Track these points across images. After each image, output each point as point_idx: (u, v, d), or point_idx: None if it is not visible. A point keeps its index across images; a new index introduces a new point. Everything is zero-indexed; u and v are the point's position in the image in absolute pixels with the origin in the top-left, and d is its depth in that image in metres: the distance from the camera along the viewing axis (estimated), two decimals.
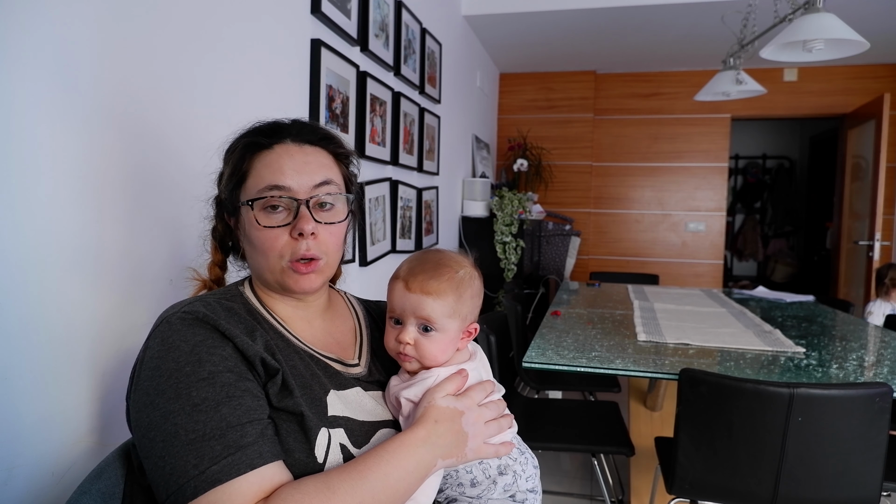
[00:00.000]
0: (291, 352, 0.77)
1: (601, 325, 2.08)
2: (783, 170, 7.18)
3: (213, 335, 0.70)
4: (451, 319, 0.80)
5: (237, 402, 0.66)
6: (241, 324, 0.74)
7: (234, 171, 0.80)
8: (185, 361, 0.67)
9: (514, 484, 0.83)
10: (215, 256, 0.87)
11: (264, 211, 0.77)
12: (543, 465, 2.58)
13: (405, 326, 0.80)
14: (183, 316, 0.71)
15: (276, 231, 0.77)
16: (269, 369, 0.71)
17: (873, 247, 3.95)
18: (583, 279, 4.45)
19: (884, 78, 4.48)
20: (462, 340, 0.84)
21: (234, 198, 0.80)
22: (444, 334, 0.80)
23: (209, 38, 1.32)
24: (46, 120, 0.91)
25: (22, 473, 0.88)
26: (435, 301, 0.79)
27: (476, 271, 0.86)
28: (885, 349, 1.85)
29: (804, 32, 1.98)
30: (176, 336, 0.69)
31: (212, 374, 0.67)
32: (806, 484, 1.32)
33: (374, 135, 2.25)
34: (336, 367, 0.81)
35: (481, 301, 0.86)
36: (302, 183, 0.78)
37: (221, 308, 0.74)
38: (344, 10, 1.96)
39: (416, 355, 0.80)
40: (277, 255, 0.77)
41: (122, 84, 1.06)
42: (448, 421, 0.75)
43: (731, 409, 1.33)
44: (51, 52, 0.91)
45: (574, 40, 4.00)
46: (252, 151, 0.80)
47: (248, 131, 0.83)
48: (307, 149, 0.81)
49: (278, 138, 0.80)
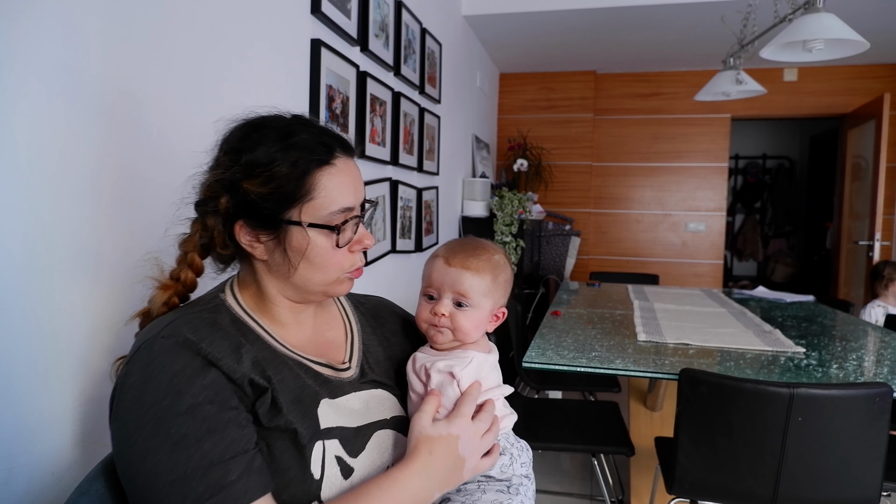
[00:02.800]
0: (280, 363, 0.74)
1: (601, 325, 2.08)
2: (783, 170, 7.18)
3: (195, 362, 0.66)
4: (485, 298, 0.84)
5: (220, 436, 0.64)
6: (226, 340, 0.70)
7: (291, 188, 0.73)
8: (164, 394, 0.64)
9: (511, 467, 0.83)
10: (196, 262, 0.80)
11: (344, 234, 0.76)
12: (543, 465, 2.57)
13: (441, 300, 0.83)
14: (164, 341, 0.67)
15: (344, 249, 0.77)
16: (258, 389, 0.69)
17: (873, 247, 3.95)
18: (583, 279, 4.45)
19: (884, 78, 4.48)
20: (491, 323, 0.87)
21: (281, 214, 0.74)
22: (477, 311, 0.83)
23: (209, 38, 1.32)
24: (46, 120, 0.91)
25: (22, 473, 0.88)
26: (474, 276, 0.83)
27: (508, 263, 0.90)
28: (885, 349, 1.84)
29: (804, 32, 1.98)
30: (155, 364, 0.66)
31: (192, 408, 0.64)
32: (806, 484, 1.32)
33: (374, 135, 2.25)
34: (327, 373, 0.79)
35: (510, 289, 0.89)
36: (359, 199, 0.79)
37: (205, 324, 0.70)
38: (344, 10, 1.96)
39: (451, 326, 0.82)
40: (339, 269, 0.77)
41: (123, 84, 1.06)
42: (443, 450, 0.73)
43: (731, 409, 1.33)
44: (52, 54, 0.91)
45: (574, 40, 4.00)
46: (315, 167, 0.75)
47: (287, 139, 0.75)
48: (352, 162, 0.81)
49: (331, 150, 0.77)
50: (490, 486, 0.81)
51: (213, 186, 0.76)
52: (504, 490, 0.81)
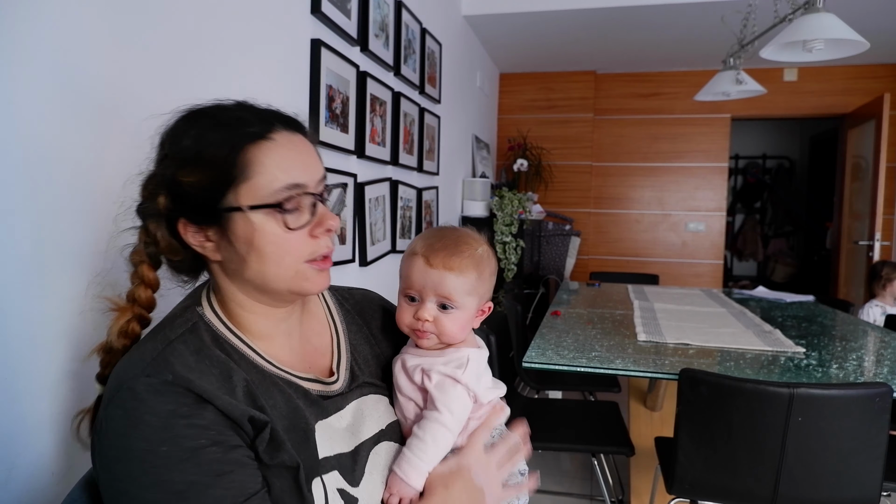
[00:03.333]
0: (270, 385, 0.68)
1: (601, 325, 2.08)
2: (783, 170, 7.18)
3: (187, 400, 0.59)
4: (470, 297, 0.79)
5: (228, 480, 0.58)
6: (216, 368, 0.63)
7: (224, 170, 0.65)
8: (159, 440, 0.57)
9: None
10: (149, 275, 0.71)
11: (295, 213, 0.67)
12: (543, 465, 2.57)
13: (424, 303, 0.78)
14: (149, 380, 0.59)
15: (299, 233, 0.68)
16: (257, 424, 0.63)
17: (873, 247, 3.95)
18: (583, 279, 4.45)
19: (884, 78, 4.48)
20: (476, 318, 0.83)
21: (219, 203, 0.66)
22: (463, 312, 0.79)
23: (209, 38, 1.32)
24: (47, 120, 0.91)
25: (22, 473, 0.88)
26: (457, 278, 0.77)
27: (492, 250, 0.85)
28: (885, 349, 1.85)
29: (804, 32, 1.98)
30: (142, 408, 0.58)
31: (194, 452, 0.57)
32: (806, 484, 1.32)
33: (374, 135, 2.25)
34: (316, 390, 0.73)
35: (496, 281, 0.85)
36: (313, 177, 0.70)
37: (190, 352, 0.62)
38: (344, 10, 1.96)
39: (436, 331, 0.78)
40: (296, 258, 0.68)
41: (123, 84, 1.06)
42: (459, 482, 0.71)
43: (731, 409, 1.33)
44: (52, 54, 0.91)
45: (574, 40, 4.00)
46: (245, 143, 0.66)
47: (214, 119, 0.68)
48: (300, 137, 0.71)
49: (268, 125, 0.68)
50: None
51: (148, 186, 0.69)
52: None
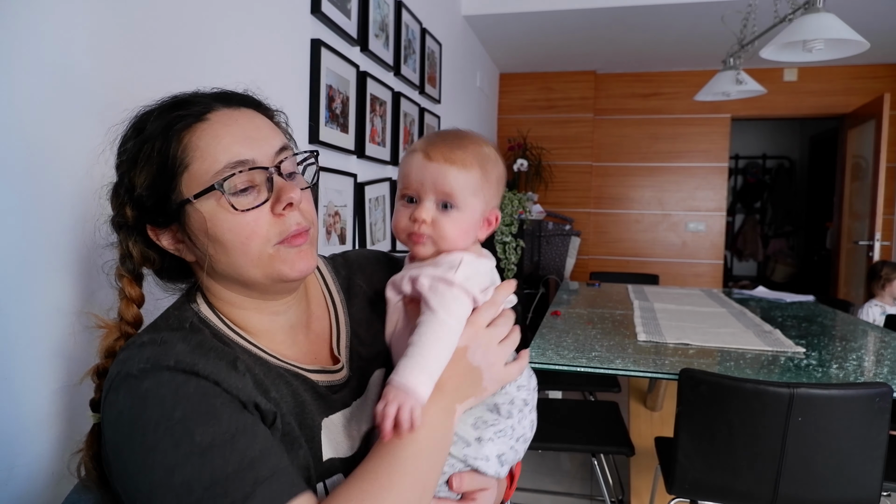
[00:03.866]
0: (276, 378, 0.65)
1: (601, 325, 2.08)
2: (783, 170, 7.18)
3: (195, 378, 0.57)
4: (474, 197, 0.70)
5: (251, 434, 0.55)
6: (222, 359, 0.60)
7: (164, 163, 0.62)
8: (173, 405, 0.54)
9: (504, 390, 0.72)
10: (132, 291, 0.68)
11: (243, 195, 0.62)
12: (543, 465, 2.58)
13: (422, 203, 0.70)
14: (145, 367, 0.56)
15: (255, 213, 0.62)
16: (266, 415, 0.60)
17: (873, 247, 3.95)
18: (583, 279, 4.45)
19: (884, 78, 4.48)
20: (482, 230, 0.74)
21: (171, 199, 0.63)
22: (465, 214, 0.70)
23: (209, 38, 1.32)
24: (45, 120, 0.91)
25: (22, 473, 0.88)
26: (460, 172, 0.69)
27: (501, 157, 0.76)
28: (885, 349, 1.85)
29: (804, 32, 1.98)
30: (146, 383, 0.56)
31: (210, 412, 0.55)
32: (806, 484, 1.32)
33: (374, 135, 2.25)
34: (324, 382, 0.70)
35: (503, 188, 0.77)
36: (263, 151, 0.64)
37: (190, 347, 0.59)
38: (344, 10, 1.96)
39: (433, 235, 0.70)
40: (262, 241, 0.63)
41: (123, 85, 1.06)
42: (453, 363, 0.65)
43: (731, 409, 1.33)
44: (51, 53, 0.91)
45: (574, 40, 4.00)
46: (178, 131, 0.62)
47: (153, 112, 0.65)
48: (246, 112, 0.66)
49: (206, 106, 0.64)
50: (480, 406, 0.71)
51: (114, 197, 0.67)
52: (492, 409, 0.71)
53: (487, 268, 0.73)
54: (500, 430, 0.70)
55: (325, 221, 1.89)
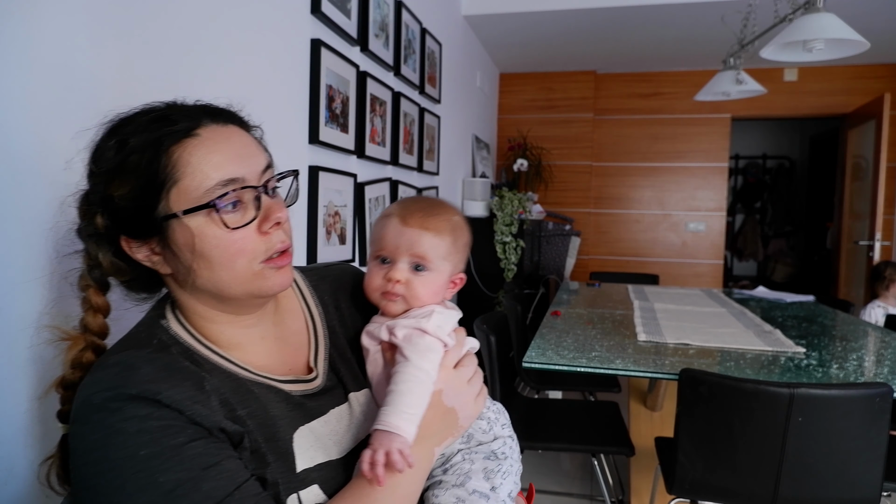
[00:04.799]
0: (246, 393, 0.65)
1: (601, 325, 2.08)
2: (783, 170, 7.19)
3: (157, 408, 0.56)
4: (445, 261, 0.77)
5: (217, 471, 0.56)
6: (188, 380, 0.59)
7: (151, 177, 0.62)
8: (137, 444, 0.54)
9: (491, 430, 0.79)
10: (97, 301, 0.68)
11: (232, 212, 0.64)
12: (543, 465, 2.58)
13: (396, 264, 0.75)
14: (109, 396, 0.56)
15: (243, 231, 0.64)
16: (233, 437, 0.60)
17: (873, 247, 3.95)
18: (583, 279, 4.45)
19: (884, 78, 4.48)
20: (449, 290, 0.80)
21: (155, 213, 0.62)
22: (436, 276, 0.76)
23: (209, 38, 1.32)
24: (45, 120, 0.91)
25: (22, 474, 0.88)
26: (433, 238, 0.75)
27: (467, 225, 0.83)
28: (885, 349, 1.85)
29: (804, 32, 1.98)
30: (112, 418, 0.55)
31: (176, 449, 0.55)
32: (806, 484, 1.32)
33: (374, 135, 2.25)
34: (298, 391, 0.70)
35: (468, 255, 0.83)
36: (252, 169, 0.65)
37: (156, 368, 0.59)
38: (344, 10, 1.96)
39: (406, 294, 0.75)
40: (249, 258, 0.64)
41: (122, 85, 1.06)
42: (430, 408, 0.68)
43: (731, 409, 1.33)
44: (52, 54, 0.91)
45: (574, 40, 4.00)
46: (167, 146, 0.62)
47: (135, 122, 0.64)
48: (233, 129, 0.67)
49: (194, 121, 0.64)
50: (476, 455, 0.77)
51: (82, 206, 0.66)
52: (491, 457, 0.77)
53: (455, 317, 0.78)
54: (504, 472, 0.76)
55: (325, 221, 1.89)
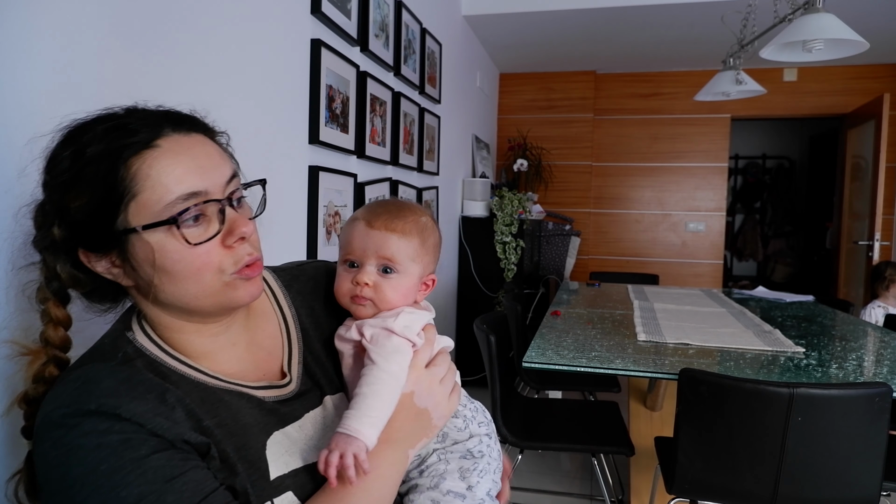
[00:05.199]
0: (215, 402, 0.63)
1: (601, 325, 2.08)
2: (783, 170, 7.19)
3: (116, 422, 0.55)
4: (413, 263, 0.76)
5: (181, 483, 0.55)
6: (150, 392, 0.58)
7: (109, 190, 0.59)
8: (96, 459, 0.53)
9: (467, 429, 0.78)
10: (57, 313, 0.65)
11: (194, 226, 0.61)
12: (543, 465, 2.58)
13: (363, 267, 0.75)
14: (67, 412, 0.55)
15: (207, 246, 0.61)
16: (199, 448, 0.59)
17: (873, 247, 3.95)
18: (583, 279, 4.45)
19: (884, 78, 4.48)
20: (420, 293, 0.79)
21: (113, 226, 0.60)
22: (405, 278, 0.76)
23: (209, 38, 1.32)
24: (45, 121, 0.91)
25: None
26: (400, 239, 0.75)
27: (437, 226, 0.82)
28: (885, 349, 1.85)
29: (804, 32, 1.98)
30: (70, 435, 0.54)
31: (136, 462, 0.54)
32: (806, 484, 1.32)
33: (374, 135, 2.25)
34: (271, 397, 0.69)
35: (439, 254, 0.82)
36: (215, 181, 0.63)
37: (119, 381, 0.57)
38: (344, 10, 1.96)
39: (375, 298, 0.74)
40: (215, 272, 0.63)
41: (123, 85, 1.06)
42: (400, 412, 0.68)
43: (731, 409, 1.33)
44: (52, 54, 0.91)
45: (574, 40, 4.00)
46: (129, 155, 0.59)
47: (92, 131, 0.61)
48: (196, 138, 0.64)
49: (154, 130, 0.61)
50: (452, 454, 0.76)
51: (38, 216, 0.64)
52: (467, 456, 0.76)
53: (425, 317, 0.77)
54: (481, 471, 0.75)
55: (325, 221, 1.89)
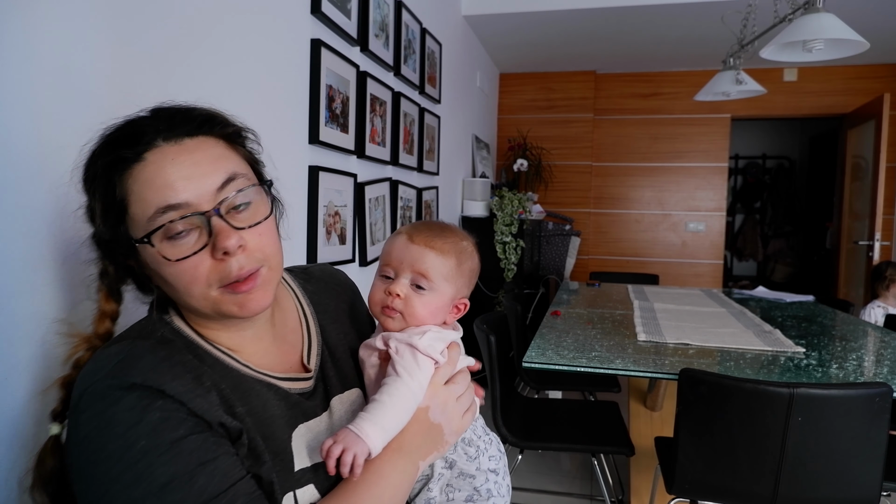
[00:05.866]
0: (247, 389, 0.66)
1: (601, 325, 2.08)
2: (783, 170, 7.18)
3: (158, 398, 0.56)
4: (447, 282, 0.77)
5: (213, 468, 0.56)
6: (188, 373, 0.60)
7: (107, 203, 0.62)
8: (135, 435, 0.54)
9: (477, 459, 0.78)
10: (106, 306, 0.68)
11: (168, 242, 0.61)
12: (543, 465, 2.58)
13: (398, 279, 0.76)
14: (112, 384, 0.56)
15: (192, 260, 0.61)
16: (232, 433, 0.60)
17: (873, 247, 3.95)
18: (583, 279, 4.45)
19: (884, 78, 4.48)
20: (450, 315, 0.80)
21: (123, 235, 0.63)
22: (436, 296, 0.76)
23: (209, 37, 1.32)
24: (46, 121, 0.91)
25: (22, 473, 0.87)
26: (437, 257, 0.76)
27: (477, 253, 0.83)
28: (885, 349, 1.85)
29: (804, 32, 1.98)
30: (112, 408, 0.55)
31: (173, 443, 0.55)
32: (806, 484, 1.32)
33: (374, 135, 2.25)
34: (297, 390, 0.72)
35: (475, 281, 0.83)
36: (201, 190, 0.61)
37: (159, 359, 0.59)
38: (344, 10, 1.96)
39: (404, 311, 0.75)
40: (203, 286, 0.62)
41: (123, 85, 1.06)
42: (415, 423, 0.70)
43: (731, 409, 1.33)
44: (52, 55, 0.91)
45: (574, 40, 4.00)
46: (119, 171, 0.61)
47: (102, 144, 0.64)
48: (188, 144, 0.63)
49: (146, 144, 0.61)
50: (459, 493, 0.77)
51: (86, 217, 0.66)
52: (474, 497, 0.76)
53: (451, 336, 0.78)
54: None
55: (325, 221, 1.89)
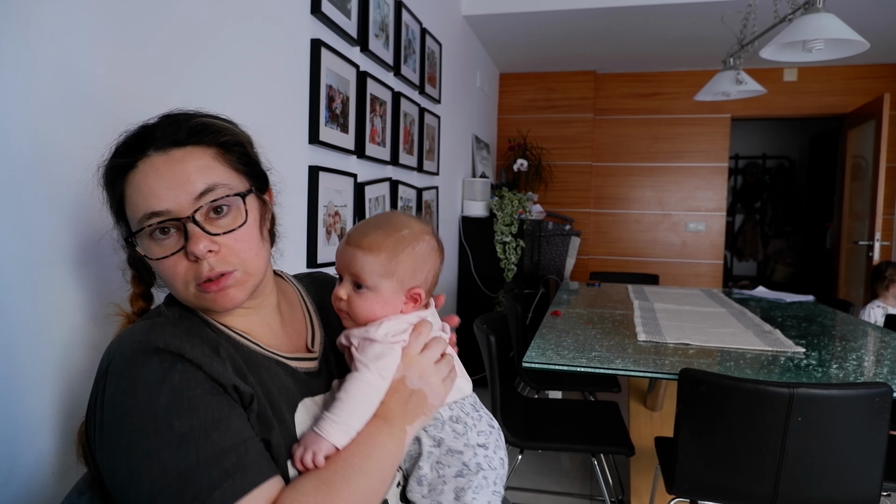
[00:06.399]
0: (257, 364, 0.72)
1: (601, 325, 2.08)
2: (783, 170, 7.18)
3: (179, 361, 0.63)
4: (382, 279, 0.76)
5: (225, 425, 0.62)
6: (206, 344, 0.67)
7: (110, 201, 0.72)
8: (158, 392, 0.61)
9: (465, 435, 0.77)
10: (136, 288, 0.78)
11: (152, 241, 0.68)
12: (543, 465, 2.58)
13: (342, 282, 0.78)
14: (137, 348, 0.63)
15: (172, 259, 0.68)
16: (244, 397, 0.66)
17: (873, 247, 3.95)
18: (583, 279, 4.45)
19: (884, 78, 4.48)
20: (406, 305, 0.78)
21: (123, 230, 0.73)
22: (375, 294, 0.76)
23: (209, 38, 1.32)
24: (46, 121, 0.91)
25: (22, 473, 0.88)
26: (365, 256, 0.75)
27: (427, 236, 0.80)
28: (885, 349, 1.84)
29: (804, 32, 1.98)
30: (138, 369, 0.62)
31: (192, 401, 0.61)
32: (806, 484, 1.32)
33: (374, 135, 2.25)
34: (304, 368, 0.78)
35: (429, 266, 0.80)
36: (180, 199, 0.67)
37: (179, 331, 0.66)
38: (344, 10, 1.96)
39: (349, 311, 0.77)
40: (182, 283, 0.69)
41: (123, 85, 1.06)
42: (393, 394, 0.73)
43: (731, 409, 1.33)
44: (52, 54, 0.91)
45: (574, 40, 4.00)
46: (119, 175, 0.69)
47: (115, 147, 0.72)
48: (175, 154, 0.69)
49: (140, 152, 0.69)
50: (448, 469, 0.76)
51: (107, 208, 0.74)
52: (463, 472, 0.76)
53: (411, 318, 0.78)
54: (477, 486, 0.75)
55: (325, 221, 1.89)
